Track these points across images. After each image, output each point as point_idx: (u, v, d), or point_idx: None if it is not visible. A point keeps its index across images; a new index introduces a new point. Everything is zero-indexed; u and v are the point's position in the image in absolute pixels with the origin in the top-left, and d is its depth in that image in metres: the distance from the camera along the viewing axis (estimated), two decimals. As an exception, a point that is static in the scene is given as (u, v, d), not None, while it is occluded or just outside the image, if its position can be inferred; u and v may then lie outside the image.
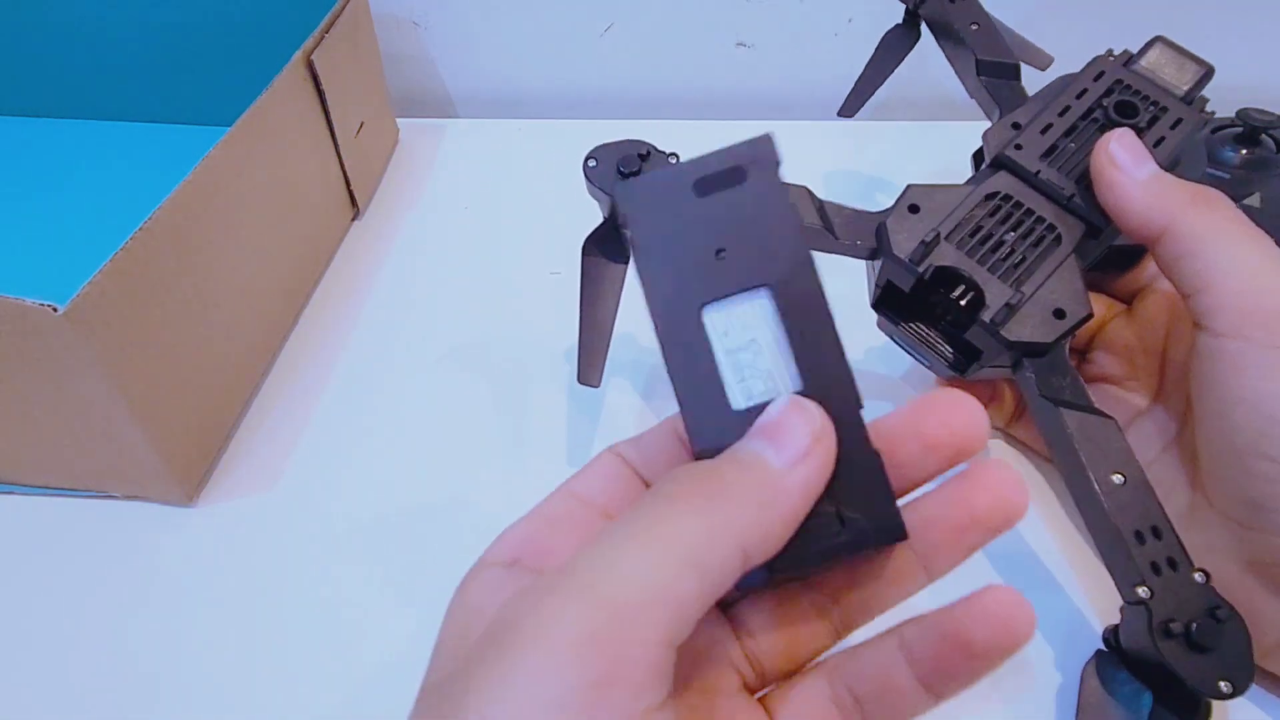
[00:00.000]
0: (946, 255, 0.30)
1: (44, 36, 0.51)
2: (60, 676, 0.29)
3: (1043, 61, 0.39)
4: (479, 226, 0.48)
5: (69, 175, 0.51)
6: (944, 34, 0.38)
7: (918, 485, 0.20)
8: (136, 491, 0.34)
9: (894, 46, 0.41)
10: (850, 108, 0.43)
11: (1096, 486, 0.26)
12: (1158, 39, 0.33)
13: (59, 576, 0.32)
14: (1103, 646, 0.28)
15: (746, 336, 0.19)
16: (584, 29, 0.56)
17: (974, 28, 0.36)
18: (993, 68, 0.36)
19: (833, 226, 0.32)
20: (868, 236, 0.31)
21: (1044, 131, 0.32)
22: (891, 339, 0.34)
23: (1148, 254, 0.33)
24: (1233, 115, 0.39)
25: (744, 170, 0.19)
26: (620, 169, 0.32)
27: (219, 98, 0.51)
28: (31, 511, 0.34)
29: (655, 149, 0.33)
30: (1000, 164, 0.32)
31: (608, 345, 0.34)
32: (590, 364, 0.34)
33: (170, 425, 0.32)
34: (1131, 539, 0.26)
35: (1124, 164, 0.29)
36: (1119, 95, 0.32)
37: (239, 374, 0.37)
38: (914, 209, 0.31)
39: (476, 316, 0.42)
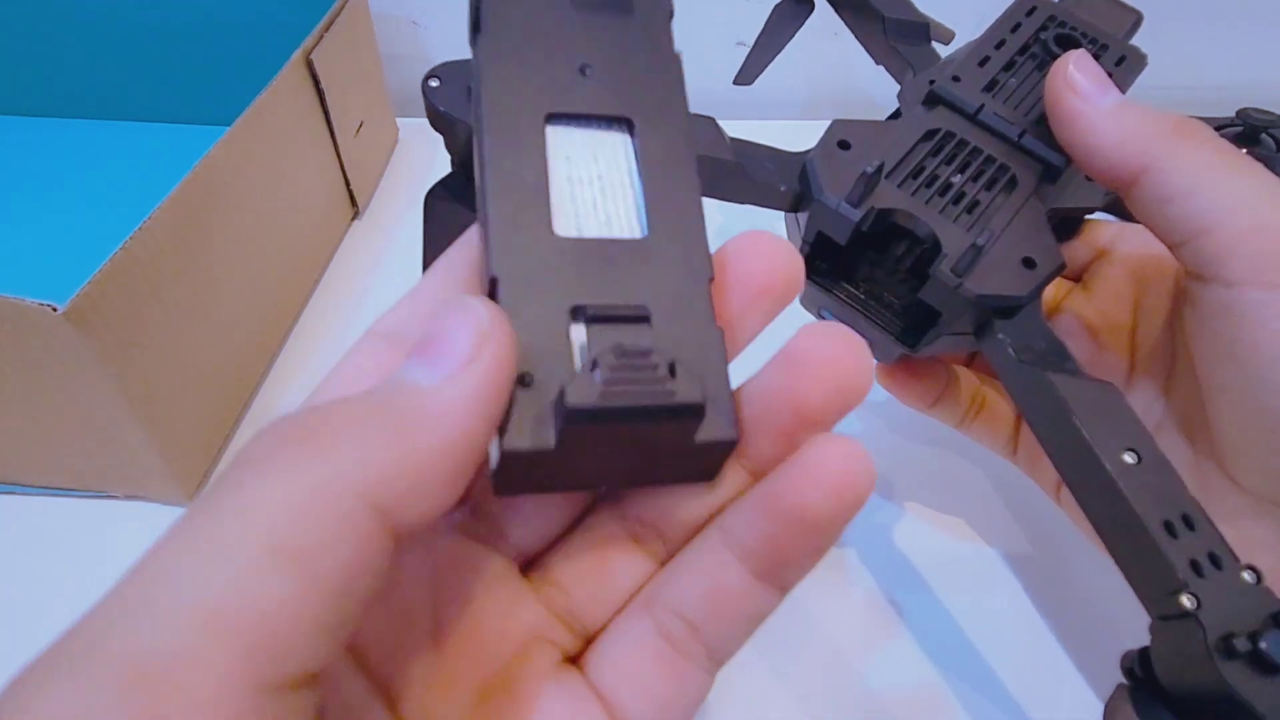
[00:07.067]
0: (889, 196, 0.25)
1: (44, 36, 0.51)
2: (60, 676, 0.29)
3: (945, 36, 0.37)
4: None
5: (69, 175, 0.51)
6: (842, 3, 0.35)
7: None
8: (136, 491, 0.34)
9: (785, 18, 0.39)
10: (747, 76, 0.41)
11: (1108, 468, 0.21)
12: None
13: (59, 576, 0.32)
14: (1123, 680, 0.22)
15: (593, 172, 0.16)
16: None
17: None
18: (901, 27, 0.32)
19: (746, 168, 0.25)
20: (790, 179, 0.26)
21: (981, 65, 0.28)
22: (819, 315, 0.28)
23: (1087, 222, 0.30)
24: (1233, 115, 0.39)
25: (631, 3, 0.17)
26: (472, 87, 0.26)
27: (219, 98, 0.51)
28: (31, 511, 0.34)
29: None
30: (936, 99, 0.27)
31: None
32: None
33: (170, 425, 0.32)
34: (1160, 532, 0.20)
35: (1086, 91, 0.24)
36: (1055, 29, 0.29)
37: (239, 374, 0.37)
38: (844, 145, 0.25)
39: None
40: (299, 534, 0.11)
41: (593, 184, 0.16)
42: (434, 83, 0.25)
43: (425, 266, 0.28)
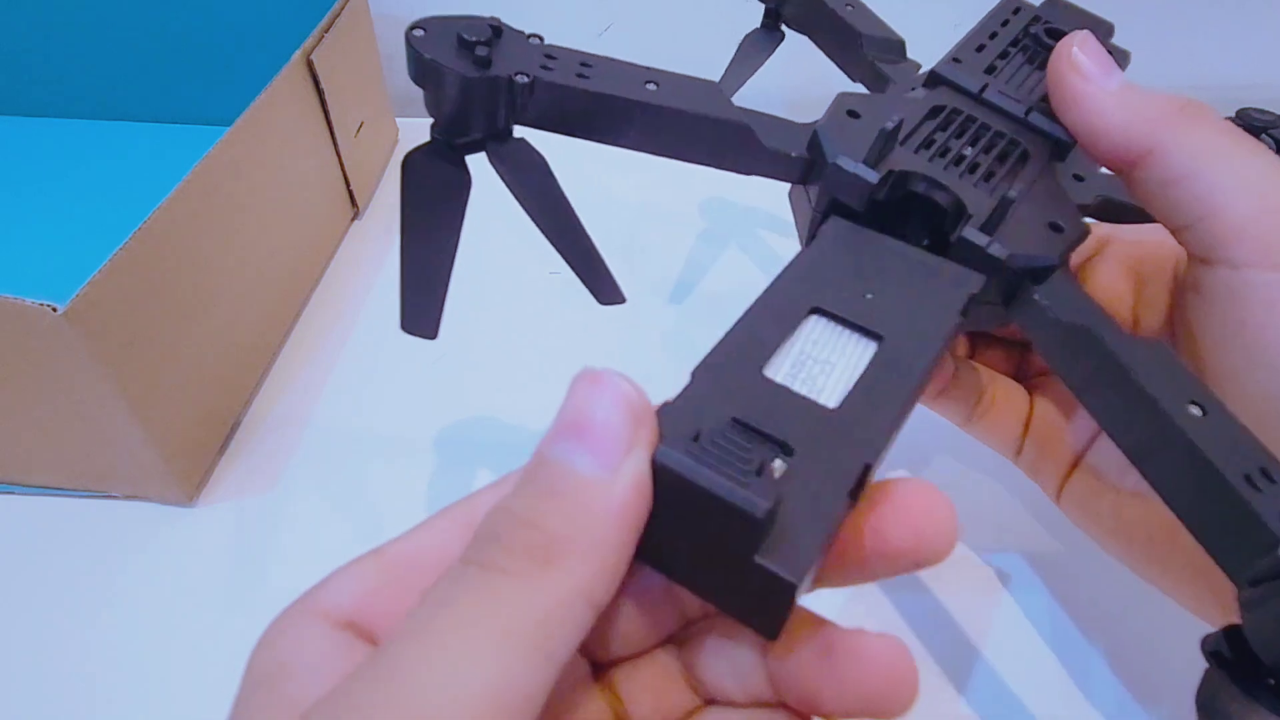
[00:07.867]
0: (906, 160, 0.24)
1: (44, 36, 0.51)
2: (60, 676, 0.29)
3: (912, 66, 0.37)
4: (477, 226, 0.47)
5: (69, 175, 0.51)
6: (813, 26, 0.35)
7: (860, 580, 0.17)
8: (136, 491, 0.34)
9: (755, 47, 0.39)
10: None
11: (1179, 423, 0.19)
12: None
13: (59, 576, 0.32)
14: (1209, 666, 0.19)
15: (827, 356, 0.18)
16: (583, 29, 0.56)
17: (849, 8, 0.33)
18: (880, 44, 0.32)
19: (755, 132, 0.25)
20: (799, 146, 0.25)
21: (979, 50, 0.28)
22: None
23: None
24: (1233, 115, 0.39)
25: (939, 270, 0.20)
26: (464, 36, 0.24)
27: (219, 98, 0.51)
28: (31, 511, 0.34)
29: (509, 26, 0.26)
30: (938, 79, 0.27)
31: (448, 279, 0.29)
32: (422, 303, 0.28)
33: (170, 425, 0.32)
34: (1245, 486, 0.18)
35: (1090, 72, 0.23)
36: (1044, 26, 0.29)
37: (239, 374, 0.37)
38: (853, 114, 0.25)
39: (476, 316, 0.42)
40: (549, 635, 0.14)
41: (819, 364, 0.18)
42: (419, 32, 0.25)
43: (404, 235, 0.27)
